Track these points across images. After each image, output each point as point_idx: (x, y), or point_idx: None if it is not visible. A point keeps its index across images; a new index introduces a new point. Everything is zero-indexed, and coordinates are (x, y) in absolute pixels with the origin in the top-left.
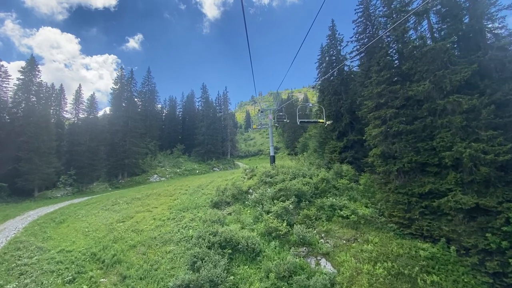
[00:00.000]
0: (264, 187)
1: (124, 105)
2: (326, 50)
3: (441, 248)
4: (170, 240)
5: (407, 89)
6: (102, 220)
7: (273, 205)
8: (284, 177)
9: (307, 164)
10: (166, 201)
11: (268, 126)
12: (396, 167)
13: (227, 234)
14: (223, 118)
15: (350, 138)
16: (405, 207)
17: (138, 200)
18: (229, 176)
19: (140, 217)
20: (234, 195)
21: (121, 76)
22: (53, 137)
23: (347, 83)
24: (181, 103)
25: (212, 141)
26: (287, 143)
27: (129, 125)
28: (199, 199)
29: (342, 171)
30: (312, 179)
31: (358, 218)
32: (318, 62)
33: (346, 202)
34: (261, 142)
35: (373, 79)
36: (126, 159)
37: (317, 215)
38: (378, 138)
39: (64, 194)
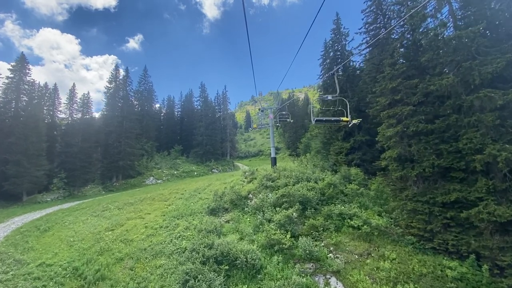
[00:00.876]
0: (265, 192)
1: (119, 104)
2: (330, 45)
3: (470, 266)
4: (161, 252)
5: (427, 83)
6: (90, 228)
7: (275, 213)
8: (286, 181)
9: (310, 167)
10: (160, 207)
11: (269, 126)
12: (415, 172)
13: (224, 247)
14: (222, 118)
15: (358, 139)
16: (425, 218)
17: (130, 206)
18: (228, 179)
19: (131, 224)
20: (233, 200)
21: (116, 75)
22: (43, 138)
23: (353, 80)
24: (180, 103)
25: (211, 141)
26: (288, 144)
27: (124, 126)
28: (195, 204)
29: (350, 175)
30: (317, 184)
31: (371, 229)
32: (321, 58)
33: (357, 210)
34: (261, 143)
35: (387, 73)
36: (121, 161)
37: (325, 225)
38: (394, 139)
39: (55, 198)
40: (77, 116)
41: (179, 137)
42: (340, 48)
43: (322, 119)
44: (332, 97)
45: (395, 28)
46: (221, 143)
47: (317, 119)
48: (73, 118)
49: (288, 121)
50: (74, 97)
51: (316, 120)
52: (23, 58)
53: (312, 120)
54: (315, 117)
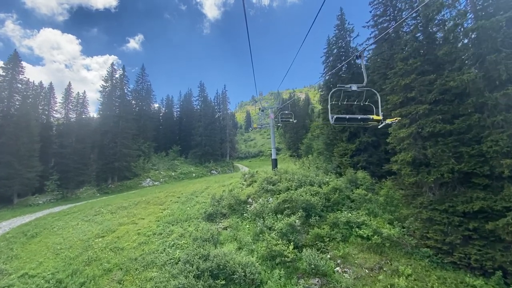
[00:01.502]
0: (266, 196)
1: (116, 104)
2: (334, 42)
3: (497, 284)
4: (153, 263)
5: (445, 79)
6: (79, 234)
7: (276, 220)
8: (288, 185)
9: (313, 169)
10: (155, 211)
11: (269, 126)
12: (433, 178)
13: (220, 259)
14: (222, 118)
15: (363, 140)
16: (444, 228)
17: (124, 210)
18: (227, 181)
19: (123, 231)
20: (231, 205)
21: (112, 73)
22: (36, 138)
23: (358, 78)
24: (179, 102)
25: (210, 142)
26: (289, 144)
27: (120, 126)
28: (192, 209)
29: (357, 179)
30: (321, 188)
31: (382, 240)
32: (324, 56)
33: (365, 218)
34: (261, 143)
35: (398, 69)
36: (116, 162)
37: (331, 235)
38: (407, 140)
39: (47, 201)
40: (72, 116)
41: (178, 138)
42: (344, 44)
43: (344, 116)
44: (358, 88)
45: (407, 20)
46: (221, 143)
47: (337, 117)
48: (69, 118)
49: (291, 121)
50: (69, 96)
51: (336, 118)
52: (16, 56)
53: (331, 118)
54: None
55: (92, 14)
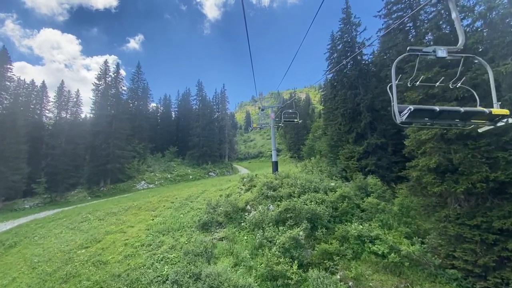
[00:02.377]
0: (266, 203)
1: (109, 103)
2: (339, 37)
3: None
4: (138, 281)
5: (476, 72)
6: (61, 244)
7: (278, 232)
8: (290, 191)
9: (316, 172)
10: (146, 218)
11: (269, 126)
12: (462, 187)
13: (213, 280)
14: (221, 118)
15: (372, 142)
16: (475, 247)
17: (113, 216)
18: (224, 185)
19: (109, 240)
20: (228, 213)
21: (106, 71)
22: (22, 139)
23: (365, 76)
24: (177, 102)
25: (208, 143)
26: (290, 145)
27: (114, 125)
28: (185, 216)
29: (367, 186)
30: (327, 196)
31: (401, 258)
32: (328, 52)
33: (379, 231)
34: (261, 144)
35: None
36: (109, 164)
37: (340, 251)
38: (429, 144)
39: (34, 205)
40: (65, 115)
41: (175, 138)
42: (350, 39)
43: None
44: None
45: (425, 7)
46: (219, 144)
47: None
48: (61, 118)
49: (296, 121)
50: (62, 95)
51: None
52: (5, 52)
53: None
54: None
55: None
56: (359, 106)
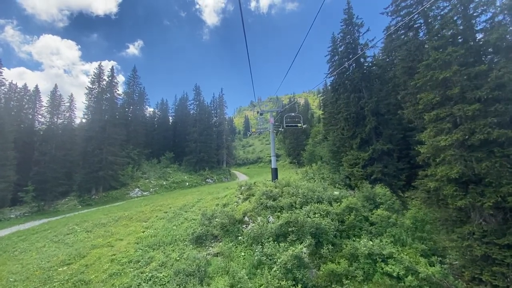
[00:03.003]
0: (265, 214)
1: (103, 107)
2: (341, 38)
3: None
4: None
5: (503, 70)
6: (42, 260)
7: (279, 249)
8: (291, 201)
9: (318, 180)
10: (137, 230)
11: (268, 131)
12: (490, 201)
13: None
14: (219, 123)
15: (377, 148)
16: (507, 271)
17: (102, 227)
18: (221, 193)
19: (94, 256)
20: (224, 225)
21: (100, 74)
22: (10, 144)
23: (369, 78)
24: (174, 106)
25: (205, 148)
26: (289, 150)
27: (107, 131)
28: (179, 228)
29: (375, 196)
30: (332, 207)
31: (419, 282)
32: (329, 54)
33: (392, 248)
34: (260, 149)
35: (432, 60)
36: (101, 170)
37: (349, 272)
38: (450, 151)
39: (21, 215)
40: (56, 120)
41: (172, 143)
42: (352, 41)
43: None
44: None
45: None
46: (217, 150)
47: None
48: (53, 123)
49: (300, 126)
50: (55, 99)
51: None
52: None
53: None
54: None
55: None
56: (363, 110)
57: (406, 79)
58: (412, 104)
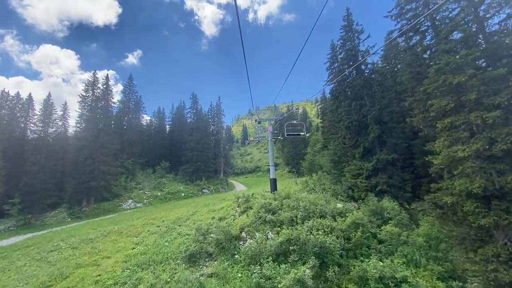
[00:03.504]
0: (264, 229)
1: (98, 116)
2: (341, 45)
3: None
4: None
5: None
6: (21, 281)
7: (279, 271)
8: (292, 215)
9: (319, 190)
10: (126, 246)
11: (267, 140)
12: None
13: None
14: (216, 131)
15: (382, 158)
16: None
17: (89, 243)
18: (218, 205)
19: (78, 276)
20: (220, 242)
21: (94, 83)
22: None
23: (370, 85)
24: (171, 115)
25: (202, 158)
26: (288, 159)
27: (101, 140)
28: (171, 244)
29: (382, 210)
30: (336, 222)
31: None
32: (328, 62)
33: (405, 270)
34: (258, 158)
35: (444, 63)
36: (93, 181)
37: None
38: (469, 163)
39: (5, 229)
40: (50, 129)
41: (168, 152)
42: (352, 47)
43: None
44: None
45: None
46: (214, 159)
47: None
48: (45, 132)
49: (303, 134)
50: (48, 108)
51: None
52: None
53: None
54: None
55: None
56: (365, 118)
57: (414, 85)
58: (421, 111)
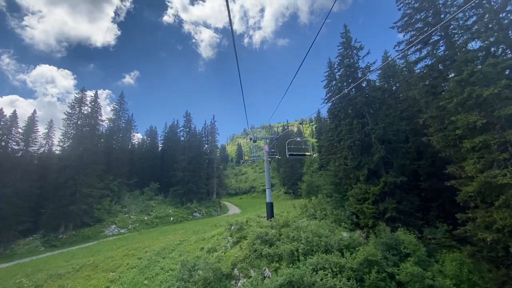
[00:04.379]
0: (260, 265)
1: (86, 135)
2: (339, 62)
3: None
4: None
5: None
6: None
7: None
8: (292, 248)
9: (320, 216)
10: (99, 284)
11: (262, 159)
12: None
13: None
14: (210, 150)
15: (389, 181)
16: None
17: (57, 280)
18: (208, 232)
19: None
20: (208, 281)
21: (82, 99)
22: None
23: (372, 103)
24: (164, 134)
25: (193, 178)
26: (284, 180)
27: (85, 159)
28: (152, 282)
29: (398, 243)
30: (345, 258)
31: None
32: (326, 79)
33: None
34: (253, 178)
35: (467, 73)
36: (73, 204)
37: None
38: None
39: None
40: (34, 148)
41: (159, 173)
42: (351, 64)
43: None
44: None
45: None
46: (207, 179)
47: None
48: (26, 151)
49: (308, 154)
50: (31, 125)
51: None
52: None
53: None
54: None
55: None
56: (368, 137)
57: (429, 100)
58: (438, 129)
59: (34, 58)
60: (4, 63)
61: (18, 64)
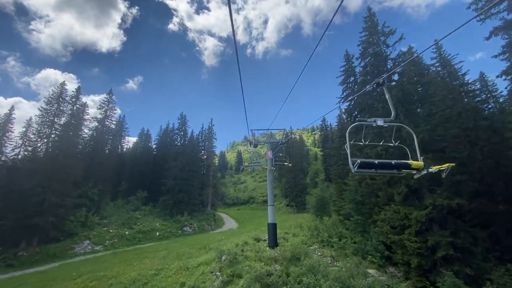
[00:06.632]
0: None
1: (68, 135)
2: (362, 52)
3: None
4: None
5: None
6: None
7: None
8: None
9: (336, 244)
10: None
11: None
12: None
13: None
14: (206, 156)
15: (438, 204)
16: None
17: None
18: (195, 258)
19: None
20: None
21: (61, 94)
22: None
23: (409, 100)
24: (157, 138)
25: (186, 187)
26: (286, 191)
27: (59, 163)
28: None
29: None
30: None
31: None
32: (342, 75)
33: None
34: (253, 187)
35: None
36: (39, 216)
37: None
38: None
39: None
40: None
41: (150, 180)
42: (378, 51)
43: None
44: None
45: None
46: (202, 189)
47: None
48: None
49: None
50: (6, 124)
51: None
52: None
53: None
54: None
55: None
56: (414, 142)
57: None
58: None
59: (39, 62)
60: (9, 65)
61: (23, 66)
